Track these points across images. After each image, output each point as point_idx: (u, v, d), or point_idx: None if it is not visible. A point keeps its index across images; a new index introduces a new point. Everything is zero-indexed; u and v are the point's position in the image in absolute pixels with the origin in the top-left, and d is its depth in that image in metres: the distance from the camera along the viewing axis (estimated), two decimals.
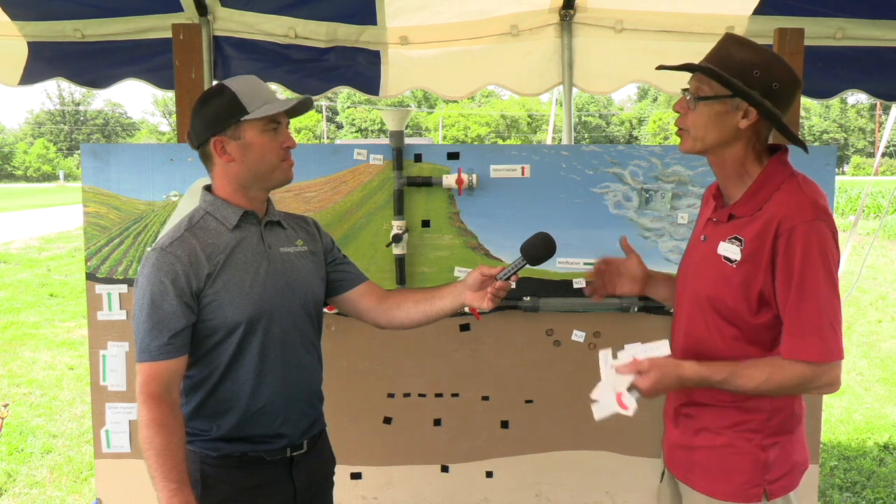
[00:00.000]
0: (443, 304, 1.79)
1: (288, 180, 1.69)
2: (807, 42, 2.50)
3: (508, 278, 1.71)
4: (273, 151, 1.63)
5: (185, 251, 1.57)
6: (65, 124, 70.59)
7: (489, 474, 2.53)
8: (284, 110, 1.63)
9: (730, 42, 1.53)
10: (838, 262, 1.47)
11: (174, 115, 2.56)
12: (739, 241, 1.52)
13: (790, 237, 1.44)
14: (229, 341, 1.60)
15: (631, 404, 1.51)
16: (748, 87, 1.47)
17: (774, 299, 1.48)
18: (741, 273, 1.51)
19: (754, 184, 1.54)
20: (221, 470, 1.63)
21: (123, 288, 2.40)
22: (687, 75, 1.59)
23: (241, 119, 1.58)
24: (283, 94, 3.51)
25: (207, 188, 1.70)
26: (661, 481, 1.82)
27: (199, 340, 1.60)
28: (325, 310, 1.83)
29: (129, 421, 2.43)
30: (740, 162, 1.56)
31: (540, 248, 1.71)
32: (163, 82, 3.50)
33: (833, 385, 1.46)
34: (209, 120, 1.61)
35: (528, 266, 1.73)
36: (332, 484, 1.87)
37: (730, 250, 1.53)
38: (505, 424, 2.52)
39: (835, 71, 3.44)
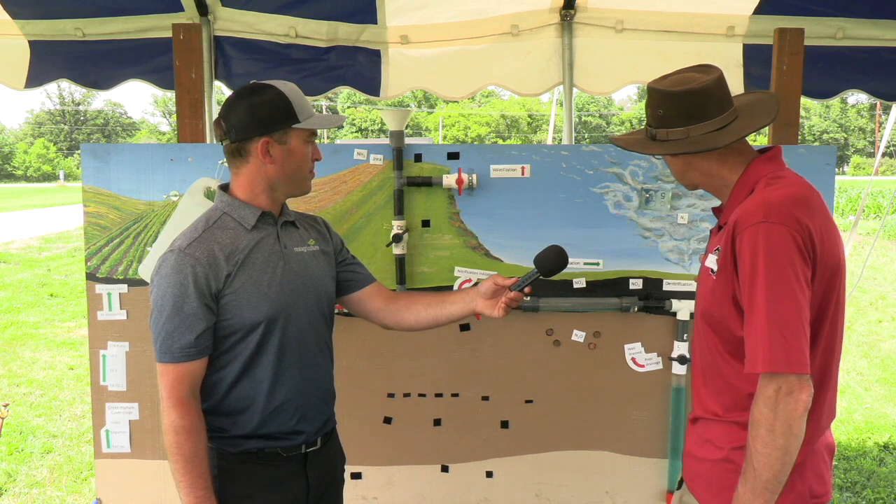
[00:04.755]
0: (453, 310, 1.81)
1: (309, 191, 1.74)
2: (807, 42, 2.50)
3: (522, 289, 1.72)
4: (307, 162, 1.68)
5: (204, 252, 1.57)
6: (65, 124, 70.58)
7: (489, 474, 2.53)
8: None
9: (647, 93, 1.59)
10: (799, 263, 1.35)
11: (174, 115, 2.55)
12: (719, 250, 1.49)
13: (740, 242, 1.40)
14: (248, 341, 1.61)
15: None
16: (663, 126, 1.53)
17: None
18: (720, 282, 1.48)
19: (732, 191, 1.54)
20: (239, 465, 1.65)
21: (123, 288, 2.40)
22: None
23: (293, 126, 1.61)
24: None
25: (223, 188, 1.70)
26: (677, 489, 1.78)
27: (217, 340, 1.61)
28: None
29: (129, 421, 2.43)
30: (709, 177, 1.58)
31: (554, 260, 1.73)
32: (164, 83, 3.51)
33: (795, 402, 1.32)
34: (261, 119, 1.59)
35: (540, 278, 1.74)
36: (342, 481, 1.90)
37: (712, 261, 1.51)
38: (505, 424, 2.52)
39: (835, 71, 3.44)
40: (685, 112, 1.50)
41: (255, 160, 1.62)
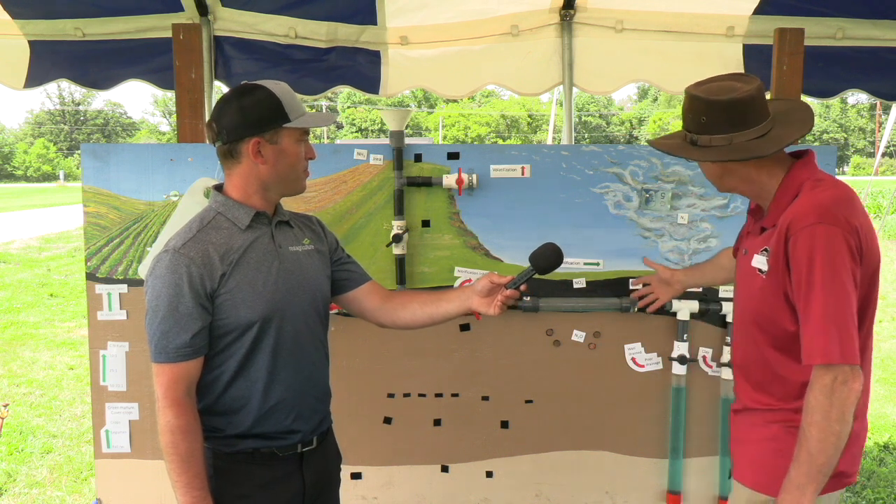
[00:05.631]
0: (449, 308, 1.82)
1: (303, 190, 1.74)
2: (807, 42, 2.51)
3: (517, 287, 1.73)
4: (301, 161, 1.67)
5: (198, 252, 1.57)
6: (65, 124, 70.57)
7: (489, 474, 2.53)
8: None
9: (684, 99, 1.62)
10: (849, 262, 1.44)
11: (174, 115, 2.56)
12: (767, 251, 1.56)
13: (795, 242, 1.47)
14: (243, 340, 1.61)
15: None
16: (706, 133, 1.57)
17: None
18: (771, 283, 1.55)
19: (776, 194, 1.59)
20: (234, 465, 1.65)
21: (123, 288, 2.40)
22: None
23: (283, 125, 1.60)
24: None
25: (217, 188, 1.70)
26: (729, 477, 1.87)
27: (212, 339, 1.61)
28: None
29: (129, 421, 2.43)
30: (748, 183, 1.63)
31: (549, 258, 1.74)
32: (164, 83, 3.51)
33: (849, 391, 1.42)
34: (251, 119, 1.59)
35: (536, 276, 1.75)
36: (338, 481, 1.90)
37: (760, 262, 1.58)
38: (505, 424, 2.52)
39: (835, 71, 3.45)
40: (728, 120, 1.55)
41: (246, 161, 1.62)
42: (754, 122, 1.56)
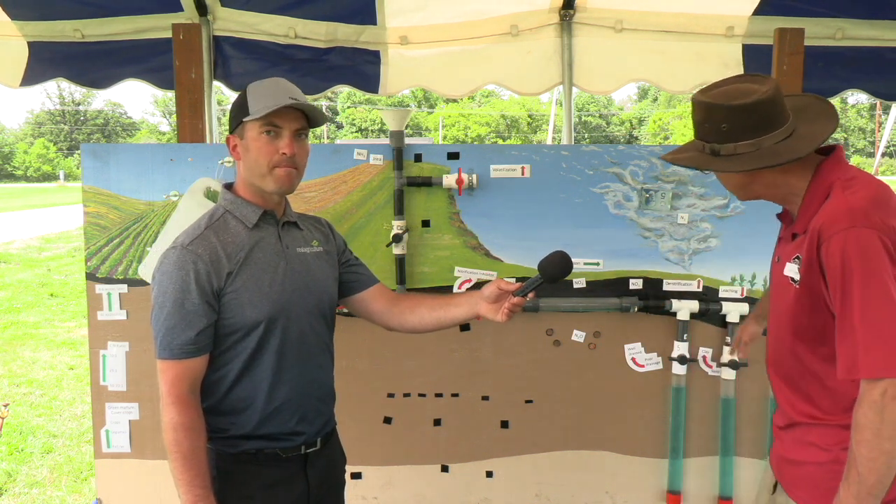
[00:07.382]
0: (457, 313, 1.82)
1: (282, 190, 1.64)
2: (807, 42, 2.51)
3: (525, 295, 1.72)
4: (265, 156, 1.60)
5: (206, 249, 1.57)
6: (65, 124, 70.54)
7: (489, 474, 2.53)
8: (287, 114, 1.60)
9: (693, 108, 1.52)
10: (889, 266, 1.34)
11: (174, 115, 2.56)
12: (799, 259, 1.47)
13: (828, 248, 1.38)
14: (248, 340, 1.61)
15: None
16: (730, 141, 1.46)
17: None
18: (804, 291, 1.45)
19: (805, 198, 1.50)
20: (238, 466, 1.65)
21: (123, 288, 2.40)
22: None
23: (244, 119, 1.61)
24: None
25: (227, 186, 1.71)
26: (773, 493, 1.72)
27: (218, 339, 1.60)
28: None
29: (129, 421, 2.43)
30: (774, 188, 1.53)
31: (558, 267, 1.70)
32: (163, 82, 3.50)
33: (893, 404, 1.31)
34: (229, 118, 1.67)
35: (545, 284, 1.71)
36: (343, 482, 1.89)
37: (792, 270, 1.49)
38: (505, 424, 2.52)
39: (835, 71, 3.45)
40: (753, 124, 1.45)
41: (235, 159, 1.68)
42: (779, 122, 1.46)
